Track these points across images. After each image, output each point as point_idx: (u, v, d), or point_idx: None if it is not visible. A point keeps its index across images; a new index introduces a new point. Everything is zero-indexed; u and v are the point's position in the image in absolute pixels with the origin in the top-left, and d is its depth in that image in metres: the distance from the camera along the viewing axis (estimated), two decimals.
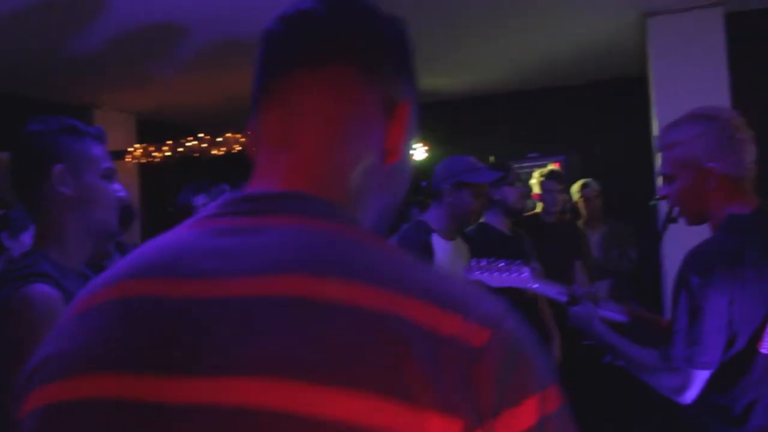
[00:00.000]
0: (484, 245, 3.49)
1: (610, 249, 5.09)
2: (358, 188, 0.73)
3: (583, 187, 5.18)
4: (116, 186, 1.66)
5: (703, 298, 1.72)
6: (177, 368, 0.59)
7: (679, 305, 1.77)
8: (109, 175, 1.62)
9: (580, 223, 5.09)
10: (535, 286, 2.13)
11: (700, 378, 1.77)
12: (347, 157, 0.73)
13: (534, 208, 4.66)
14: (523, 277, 2.10)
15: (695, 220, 1.94)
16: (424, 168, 4.97)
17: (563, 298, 2.10)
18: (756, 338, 1.73)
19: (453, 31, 4.93)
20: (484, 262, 2.08)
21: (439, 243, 3.00)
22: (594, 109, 6.52)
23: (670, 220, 2.22)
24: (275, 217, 0.67)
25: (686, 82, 4.47)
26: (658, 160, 2.03)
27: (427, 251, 2.93)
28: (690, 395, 1.78)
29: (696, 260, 1.78)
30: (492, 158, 5.46)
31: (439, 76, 6.12)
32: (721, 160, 1.83)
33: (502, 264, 2.11)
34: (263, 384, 0.56)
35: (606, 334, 1.98)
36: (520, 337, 0.61)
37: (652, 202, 2.17)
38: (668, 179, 1.94)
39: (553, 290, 2.14)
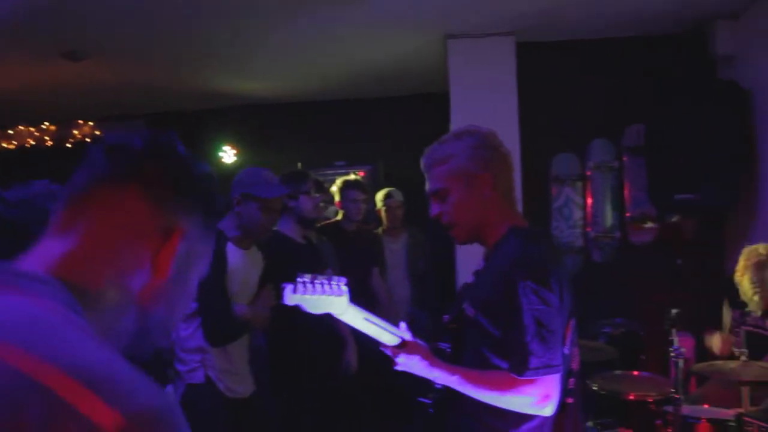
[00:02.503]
0: (276, 253, 3.53)
1: (416, 258, 5.28)
2: (118, 291, 0.83)
3: (387, 197, 5.32)
4: None
5: (546, 301, 1.72)
6: None
7: (521, 314, 1.72)
8: None
9: (380, 230, 5.24)
10: (350, 323, 1.91)
11: (556, 382, 1.73)
12: (114, 265, 0.84)
13: (336, 215, 4.75)
14: (341, 305, 1.87)
15: (470, 235, 1.98)
16: (232, 171, 4.91)
17: (392, 339, 1.91)
18: (563, 339, 1.78)
19: (265, 38, 4.91)
20: (307, 278, 1.84)
21: (232, 251, 3.01)
22: (400, 121, 6.74)
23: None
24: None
25: (480, 101, 4.80)
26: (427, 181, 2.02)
27: (221, 259, 2.92)
28: (553, 404, 1.73)
29: (525, 266, 1.77)
30: (300, 165, 5.52)
31: (251, 80, 6.07)
32: (493, 169, 1.93)
33: (325, 282, 1.85)
34: None
35: (447, 368, 1.85)
36: (157, 425, 0.66)
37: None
38: (440, 195, 1.97)
39: (376, 324, 1.92)
